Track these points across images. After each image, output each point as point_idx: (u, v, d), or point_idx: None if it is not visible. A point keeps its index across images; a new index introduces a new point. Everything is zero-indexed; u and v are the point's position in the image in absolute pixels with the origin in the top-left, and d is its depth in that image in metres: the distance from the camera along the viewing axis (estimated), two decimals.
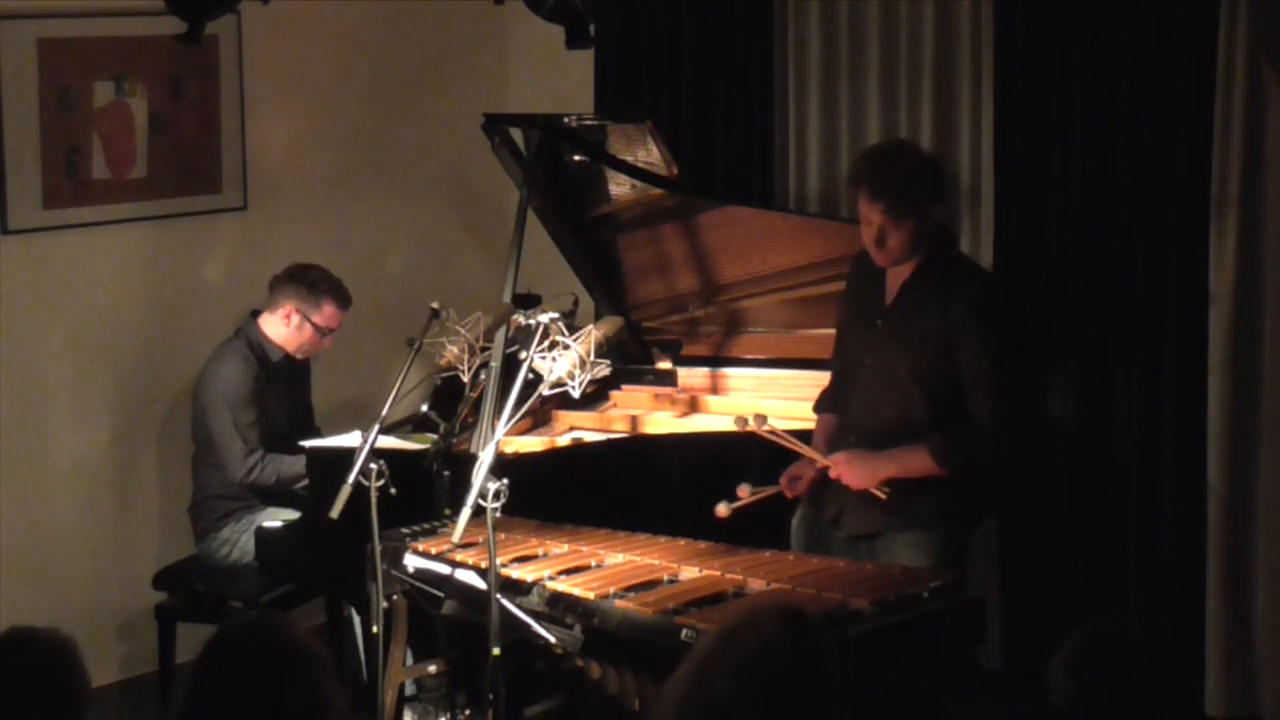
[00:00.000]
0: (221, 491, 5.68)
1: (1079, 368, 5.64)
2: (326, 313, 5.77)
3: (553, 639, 4.16)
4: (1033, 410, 5.55)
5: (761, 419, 4.80)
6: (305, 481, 5.57)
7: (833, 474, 4.69)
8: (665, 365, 5.91)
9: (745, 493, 4.78)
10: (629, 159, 5.63)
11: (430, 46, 6.86)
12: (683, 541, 4.55)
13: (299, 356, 5.83)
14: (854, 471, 4.65)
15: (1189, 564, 5.50)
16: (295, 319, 5.74)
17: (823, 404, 5.01)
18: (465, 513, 4.12)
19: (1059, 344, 5.68)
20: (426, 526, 4.73)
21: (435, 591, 4.45)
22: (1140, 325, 5.53)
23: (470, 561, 4.39)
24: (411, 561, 4.51)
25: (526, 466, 5.09)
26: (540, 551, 4.49)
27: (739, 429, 4.82)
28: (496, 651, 4.08)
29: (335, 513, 4.46)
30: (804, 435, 4.97)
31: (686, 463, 5.28)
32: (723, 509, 4.76)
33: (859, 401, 4.77)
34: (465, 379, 5.11)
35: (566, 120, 5.64)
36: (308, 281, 5.76)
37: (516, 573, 4.30)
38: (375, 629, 4.46)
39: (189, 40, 5.19)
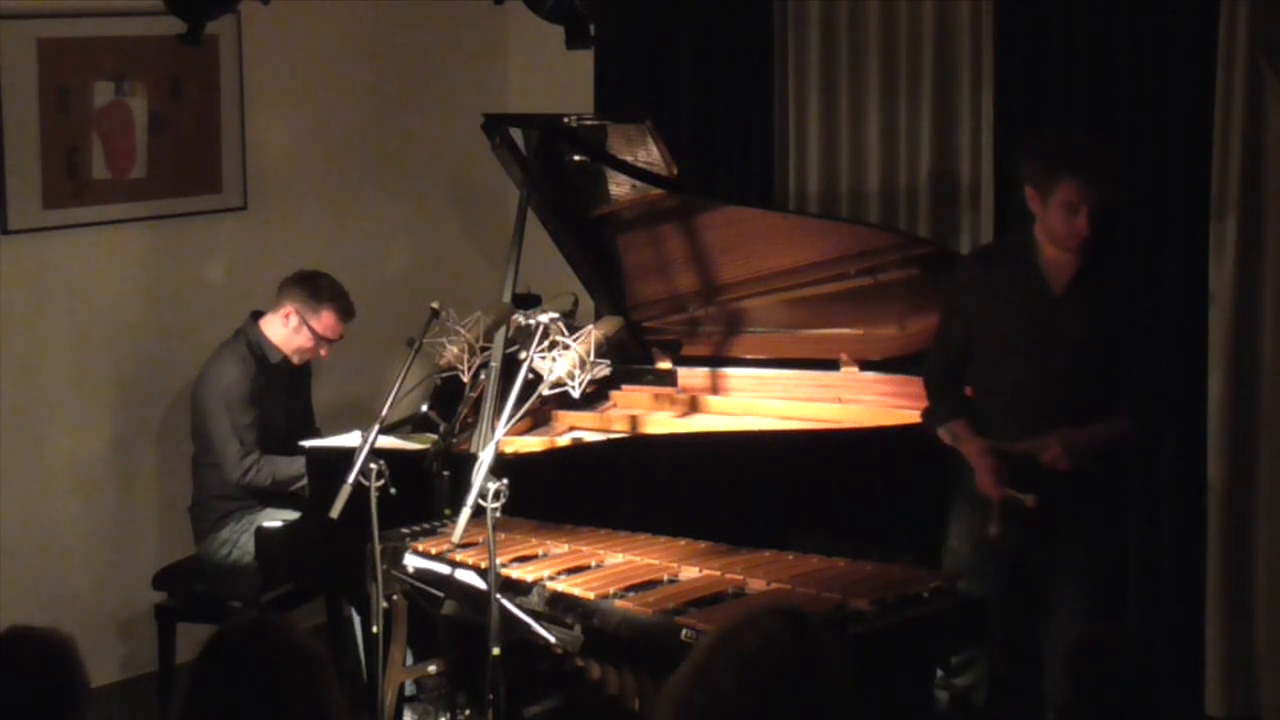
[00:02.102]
0: (221, 492, 5.68)
1: None
2: (326, 320, 5.76)
3: (553, 639, 4.16)
4: None
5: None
6: (301, 483, 5.57)
7: (1047, 458, 4.59)
8: (665, 365, 5.91)
9: (1034, 501, 4.62)
10: (629, 159, 5.63)
11: (430, 46, 6.86)
12: (683, 541, 4.55)
13: (295, 361, 5.82)
14: (1073, 447, 4.59)
15: (1189, 564, 5.50)
16: (294, 320, 5.73)
17: (943, 413, 4.84)
18: (465, 513, 4.11)
19: None
20: (426, 526, 4.73)
21: (435, 591, 4.45)
22: (1140, 325, 5.52)
23: (470, 561, 4.39)
24: (411, 561, 4.51)
25: (526, 466, 5.09)
26: (540, 551, 4.49)
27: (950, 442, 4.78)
28: (496, 651, 4.08)
29: (335, 513, 4.46)
30: (820, 433, 4.94)
31: (686, 463, 5.28)
32: (996, 530, 4.64)
33: (1040, 393, 4.68)
34: (465, 379, 5.11)
35: (566, 120, 5.64)
36: (313, 286, 5.75)
37: (516, 573, 4.30)
38: (375, 629, 4.46)
39: (189, 40, 5.19)
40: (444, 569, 4.43)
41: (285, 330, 5.75)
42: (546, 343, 4.48)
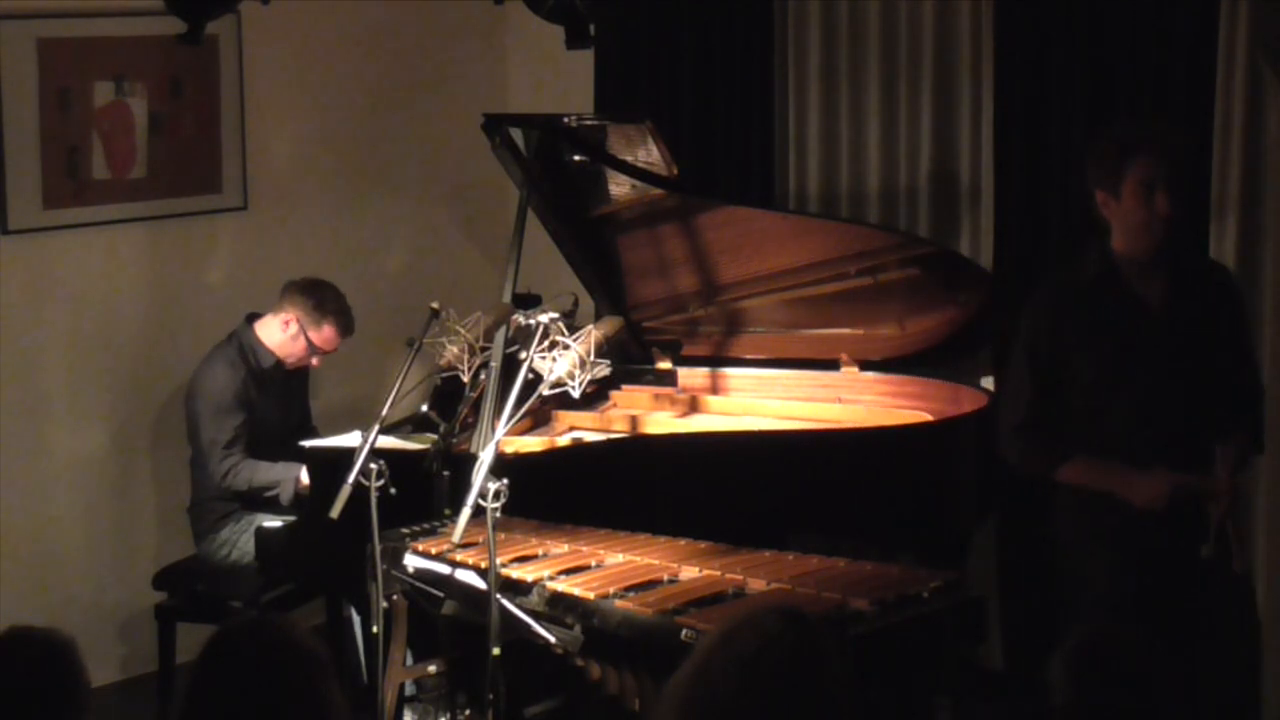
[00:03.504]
0: (218, 493, 5.68)
1: None
2: (326, 333, 5.76)
3: (553, 639, 4.16)
4: None
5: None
6: (274, 491, 5.57)
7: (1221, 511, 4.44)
8: (665, 365, 5.91)
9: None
10: (629, 159, 5.63)
11: (430, 46, 6.86)
12: (683, 541, 4.55)
13: (288, 365, 5.82)
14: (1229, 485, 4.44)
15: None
16: (294, 328, 5.74)
17: (1057, 453, 4.49)
18: (465, 513, 4.12)
19: None
20: (426, 526, 4.73)
21: (435, 591, 4.45)
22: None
23: (470, 561, 4.39)
24: (411, 561, 4.51)
25: (526, 466, 5.09)
26: (540, 551, 4.49)
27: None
28: (496, 651, 4.08)
29: (335, 513, 4.46)
30: (820, 433, 4.92)
31: (686, 463, 5.27)
32: (1206, 549, 4.44)
33: (1156, 421, 4.43)
34: (465, 379, 5.11)
35: (566, 120, 5.64)
36: (318, 298, 5.75)
37: (516, 573, 4.30)
38: (375, 629, 4.46)
39: (189, 40, 5.19)
40: (444, 569, 4.43)
41: (283, 336, 5.75)
42: (546, 343, 4.48)
